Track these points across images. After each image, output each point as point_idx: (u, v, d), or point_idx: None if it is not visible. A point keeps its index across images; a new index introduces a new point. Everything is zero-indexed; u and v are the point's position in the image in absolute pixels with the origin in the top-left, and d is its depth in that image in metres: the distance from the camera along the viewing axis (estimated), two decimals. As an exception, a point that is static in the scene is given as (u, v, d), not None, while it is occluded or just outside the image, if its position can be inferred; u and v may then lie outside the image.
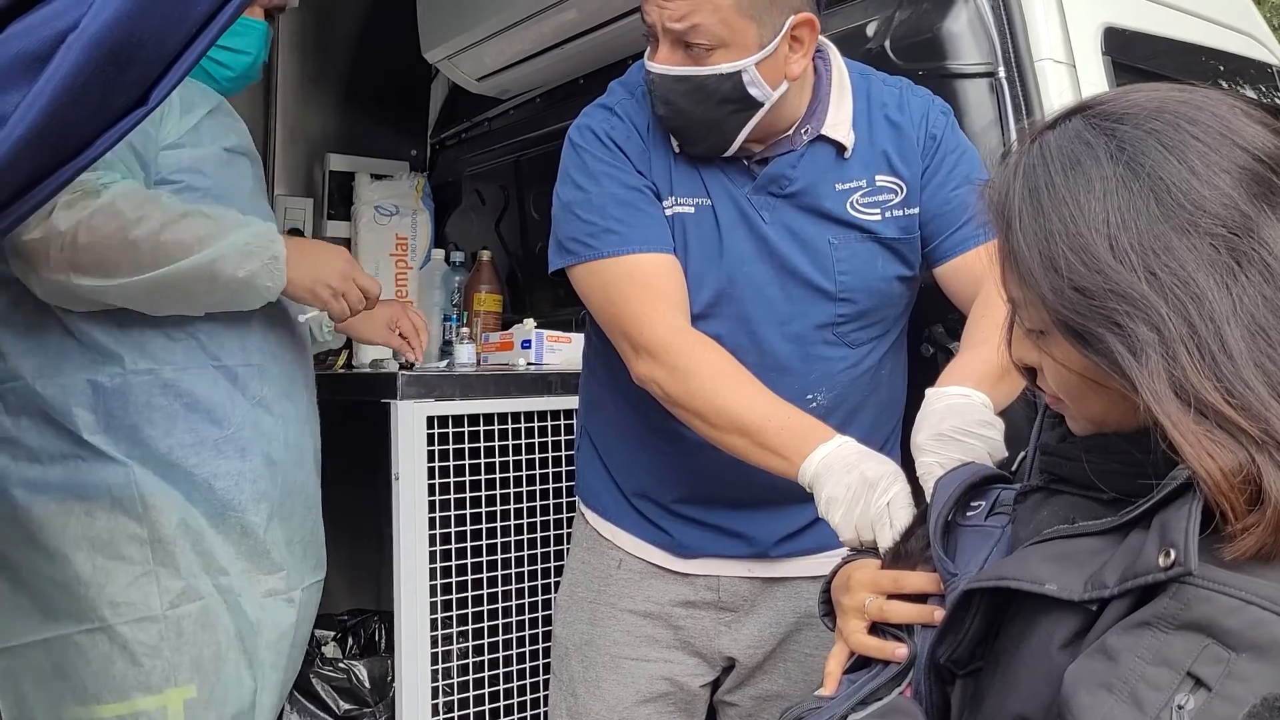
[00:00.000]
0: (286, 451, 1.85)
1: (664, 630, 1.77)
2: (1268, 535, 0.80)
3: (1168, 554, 0.81)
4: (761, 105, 1.57)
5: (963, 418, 1.32)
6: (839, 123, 1.63)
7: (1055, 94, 1.86)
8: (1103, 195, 0.87)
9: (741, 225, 1.63)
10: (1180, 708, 0.78)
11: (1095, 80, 1.92)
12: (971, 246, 1.62)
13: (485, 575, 2.21)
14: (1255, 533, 0.80)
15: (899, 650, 1.12)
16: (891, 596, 1.16)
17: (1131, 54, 2.04)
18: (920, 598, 1.15)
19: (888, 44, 2.00)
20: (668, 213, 1.63)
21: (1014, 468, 1.22)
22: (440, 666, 2.18)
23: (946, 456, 1.27)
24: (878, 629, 1.17)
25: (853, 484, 1.32)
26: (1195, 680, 0.79)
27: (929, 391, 1.42)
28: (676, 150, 1.64)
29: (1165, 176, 0.86)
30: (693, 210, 1.64)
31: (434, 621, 2.21)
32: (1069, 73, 1.90)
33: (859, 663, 1.18)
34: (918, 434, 1.35)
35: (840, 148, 1.64)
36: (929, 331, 1.90)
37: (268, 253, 1.73)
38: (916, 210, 1.66)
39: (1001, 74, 1.89)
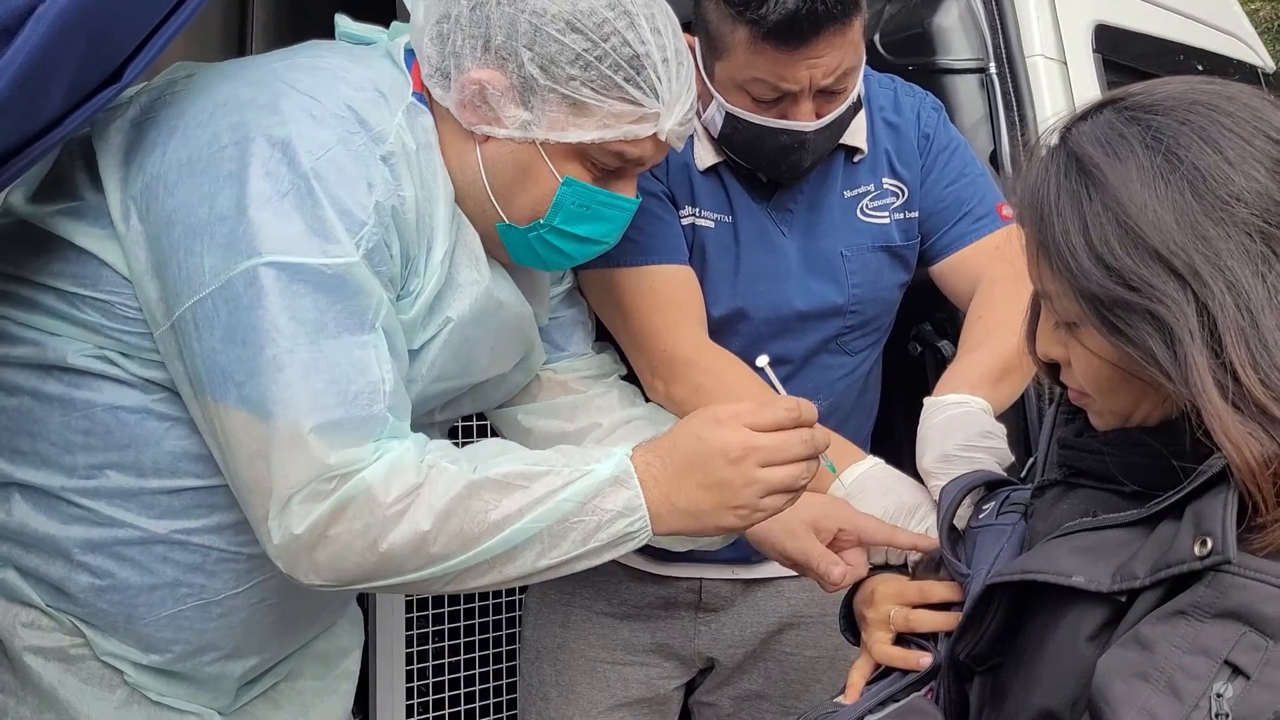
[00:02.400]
0: None
1: (641, 634, 1.73)
2: None
3: (1204, 543, 0.81)
4: (860, 108, 1.55)
5: (964, 432, 1.31)
6: (856, 128, 1.60)
7: (1047, 91, 1.85)
8: (1141, 183, 0.86)
9: (760, 243, 1.60)
10: (1219, 696, 0.78)
11: (1086, 77, 1.90)
12: (968, 242, 1.60)
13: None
14: None
15: (923, 659, 1.12)
16: (917, 606, 1.16)
17: (1121, 52, 2.03)
18: (945, 606, 1.15)
19: (877, 38, 1.97)
20: (684, 222, 1.59)
21: (1023, 474, 1.21)
22: (415, 666, 2.15)
23: (945, 479, 1.26)
24: (902, 639, 1.16)
25: (890, 508, 1.32)
26: (1233, 668, 0.79)
27: (927, 402, 1.40)
28: (701, 166, 1.58)
29: (1202, 167, 0.86)
30: (712, 225, 1.59)
31: (409, 620, 2.17)
32: (1060, 69, 1.88)
33: (882, 674, 1.17)
34: (923, 457, 1.33)
35: (852, 152, 1.61)
36: (916, 330, 1.88)
37: (609, 528, 1.13)
38: (916, 214, 1.64)
39: (993, 70, 1.87)
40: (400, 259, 1.16)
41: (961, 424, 1.32)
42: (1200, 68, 2.29)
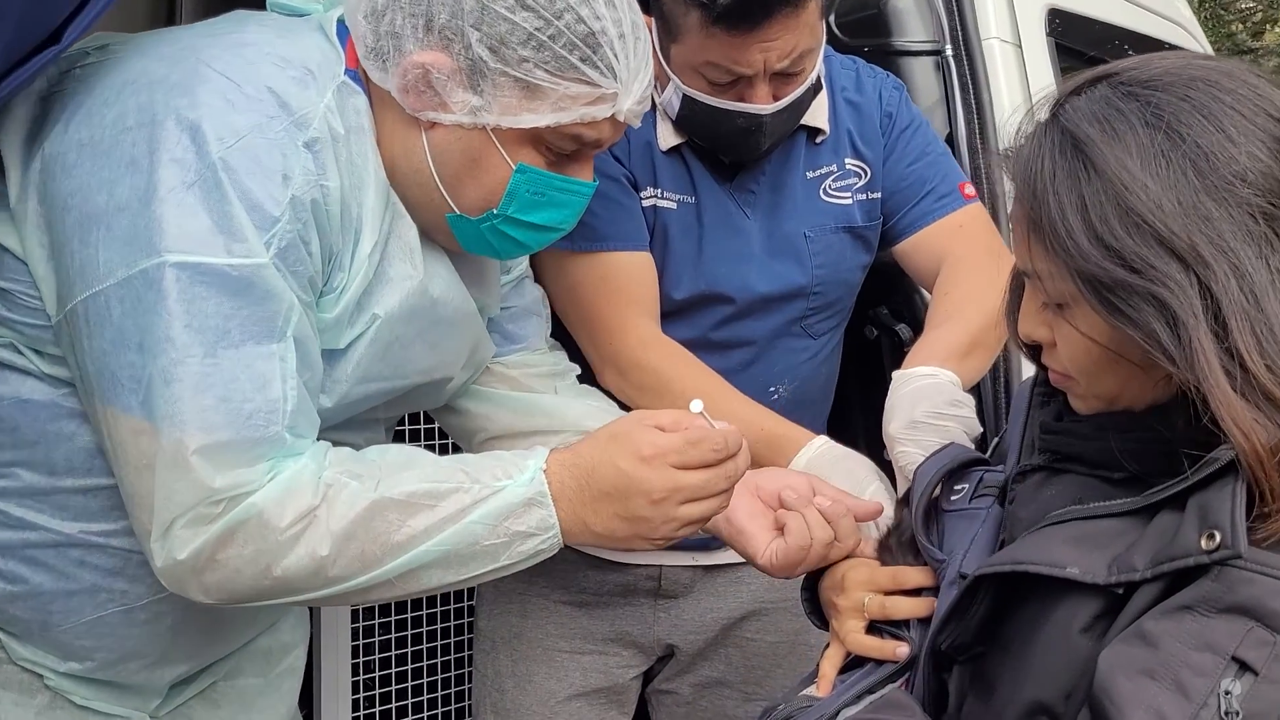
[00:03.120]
0: None
1: (600, 622, 1.71)
2: None
3: (1211, 536, 0.79)
4: (821, 89, 1.52)
5: (932, 400, 1.30)
6: (817, 109, 1.58)
7: (1002, 74, 1.85)
8: (1140, 161, 0.84)
9: (723, 225, 1.57)
10: (1228, 693, 0.77)
11: (1040, 61, 1.91)
12: (931, 221, 1.60)
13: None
14: None
15: (900, 649, 1.10)
16: (889, 593, 1.14)
17: (1073, 36, 2.04)
18: (917, 591, 1.12)
19: (832, 19, 1.95)
20: (646, 204, 1.56)
21: (989, 452, 1.19)
22: (361, 660, 2.09)
23: (923, 443, 1.24)
24: (874, 627, 1.14)
25: (840, 484, 1.31)
26: (1241, 664, 0.77)
27: (896, 375, 1.39)
28: (664, 146, 1.55)
29: (1205, 145, 0.84)
30: (675, 207, 1.57)
31: (354, 613, 2.12)
32: (1015, 53, 1.88)
33: (853, 663, 1.15)
34: (889, 424, 1.32)
35: (814, 133, 1.60)
36: (873, 313, 1.87)
37: (519, 547, 1.10)
38: (879, 195, 1.63)
39: (949, 52, 1.86)
40: (321, 256, 1.08)
41: (930, 393, 1.32)
42: (1136, 49, 2.31)
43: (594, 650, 1.70)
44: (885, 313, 1.86)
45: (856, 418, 1.88)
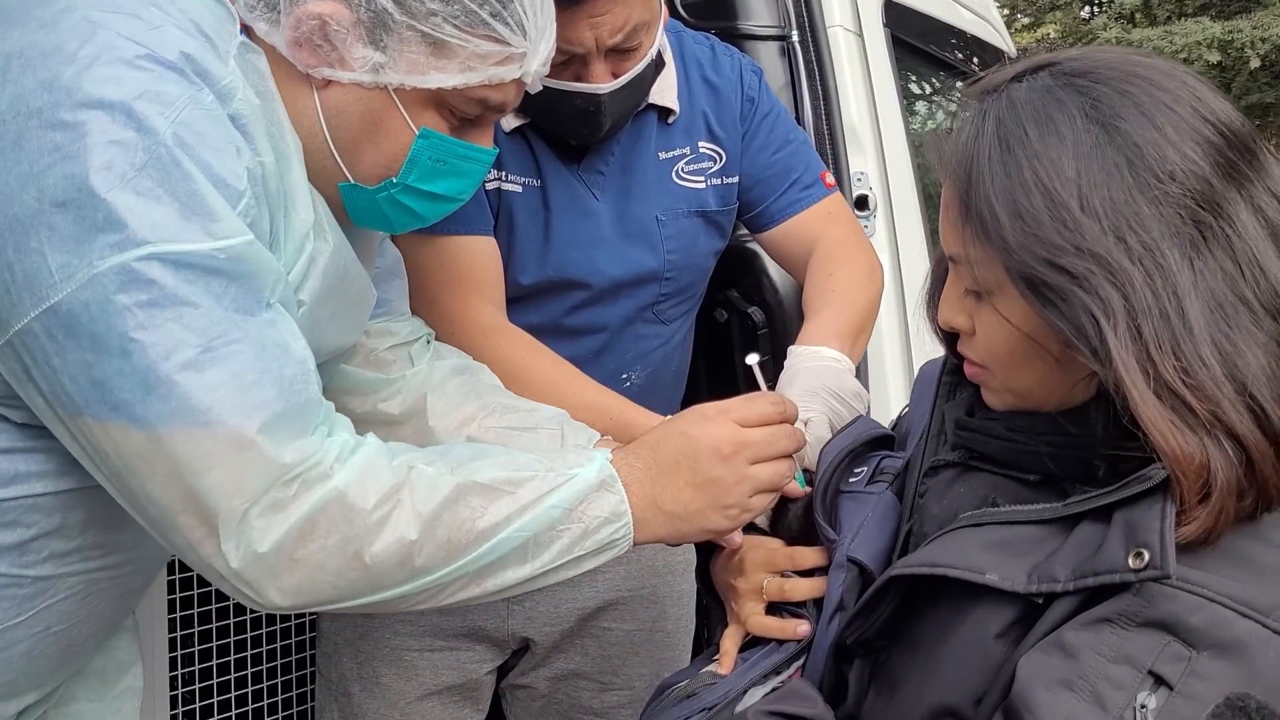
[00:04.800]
0: None
1: (450, 618, 1.64)
2: (1211, 521, 0.80)
3: (1139, 555, 0.79)
4: (665, 65, 1.48)
5: (839, 382, 1.31)
6: (666, 88, 1.55)
7: (846, 61, 1.89)
8: (1074, 153, 0.84)
9: (571, 208, 1.53)
10: (1143, 707, 0.77)
11: (879, 50, 1.96)
12: (799, 210, 1.61)
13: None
14: (1201, 518, 0.80)
15: (801, 628, 1.09)
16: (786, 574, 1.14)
17: (906, 28, 2.10)
18: (810, 571, 1.12)
19: (678, 1, 1.94)
20: (489, 187, 1.49)
21: (891, 424, 1.20)
22: (180, 672, 1.94)
23: (817, 412, 1.25)
24: (774, 607, 1.13)
25: None
26: (1156, 679, 0.78)
27: (795, 349, 1.39)
28: (506, 128, 1.49)
29: (1140, 141, 0.84)
30: (520, 190, 1.51)
31: (171, 622, 1.95)
32: (857, 41, 1.92)
33: (753, 640, 1.13)
34: (789, 388, 1.31)
35: (665, 113, 1.57)
36: (724, 296, 1.88)
37: (594, 535, 1.05)
38: (735, 179, 1.62)
39: (795, 38, 1.88)
40: (268, 236, 0.99)
41: (837, 375, 1.33)
42: (956, 43, 2.42)
43: (444, 647, 1.64)
44: (736, 295, 1.87)
45: (706, 401, 1.88)
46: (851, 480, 1.12)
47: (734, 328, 1.87)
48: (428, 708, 1.64)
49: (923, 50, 2.14)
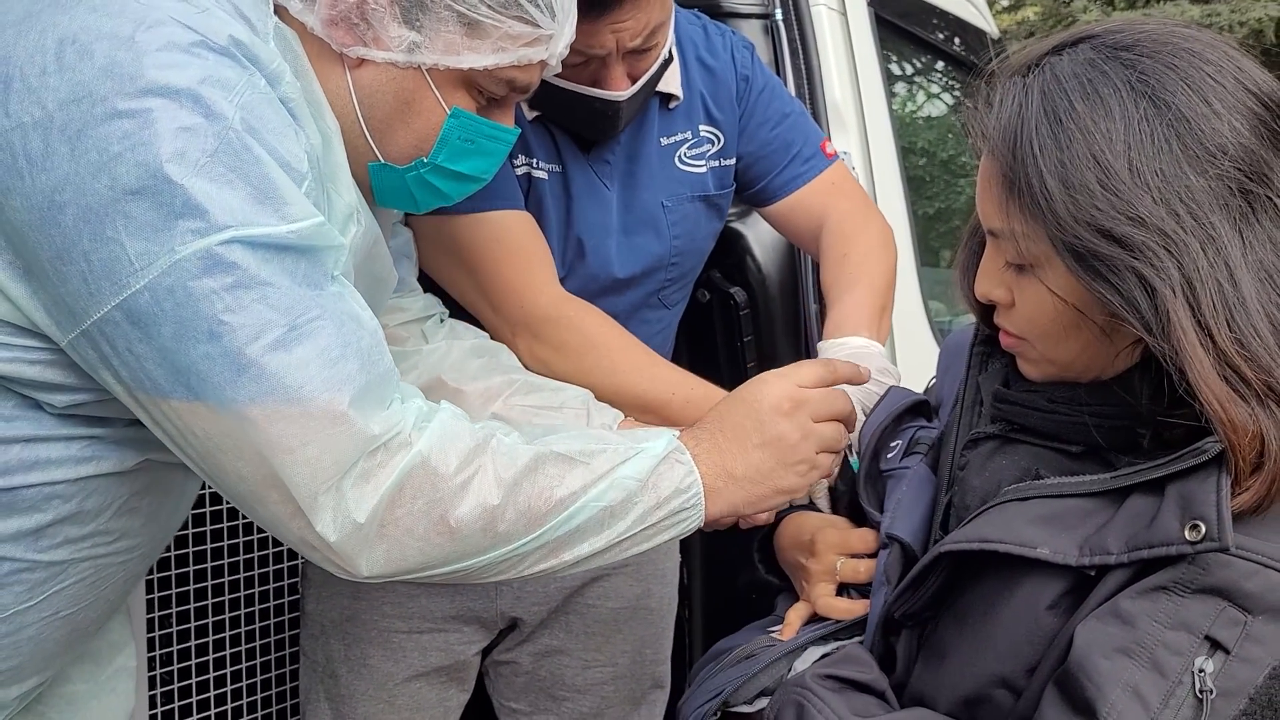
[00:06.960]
0: None
1: (439, 600, 1.63)
2: (1264, 489, 0.81)
3: (1195, 527, 0.80)
4: (673, 58, 1.49)
5: (868, 365, 1.31)
6: (670, 75, 1.54)
7: (829, 39, 1.88)
8: (1124, 127, 0.84)
9: (589, 194, 1.52)
10: (1201, 671, 0.78)
11: (862, 29, 1.95)
12: (803, 183, 1.62)
13: (208, 547, 1.95)
14: (1254, 488, 0.81)
15: (862, 607, 1.10)
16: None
17: (889, 7, 2.09)
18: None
19: (662, -23, 1.92)
20: (519, 172, 1.49)
21: (925, 388, 1.23)
22: (157, 653, 1.92)
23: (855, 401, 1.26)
24: (841, 588, 1.15)
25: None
26: (1213, 643, 0.79)
27: (824, 344, 1.41)
28: (530, 116, 1.48)
29: (1189, 115, 0.84)
30: (546, 176, 1.50)
31: (149, 603, 1.94)
32: (840, 20, 1.91)
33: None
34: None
35: (667, 99, 1.56)
36: (706, 276, 1.87)
37: (666, 506, 1.07)
38: (733, 161, 1.62)
39: (778, 16, 1.87)
40: (324, 216, 0.99)
41: (865, 360, 1.33)
42: (938, 23, 2.41)
43: (434, 629, 1.63)
44: (718, 276, 1.87)
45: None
46: (888, 456, 1.13)
47: (715, 308, 1.87)
48: (415, 689, 1.63)
49: (905, 30, 2.14)
